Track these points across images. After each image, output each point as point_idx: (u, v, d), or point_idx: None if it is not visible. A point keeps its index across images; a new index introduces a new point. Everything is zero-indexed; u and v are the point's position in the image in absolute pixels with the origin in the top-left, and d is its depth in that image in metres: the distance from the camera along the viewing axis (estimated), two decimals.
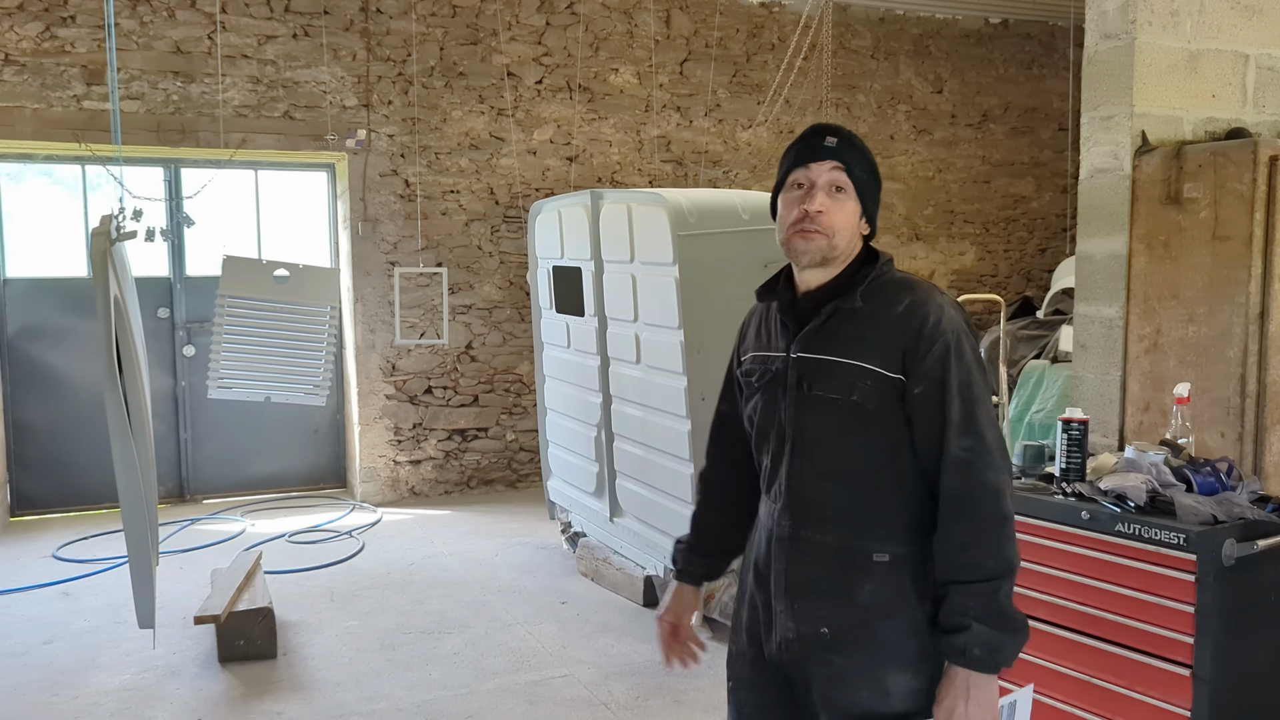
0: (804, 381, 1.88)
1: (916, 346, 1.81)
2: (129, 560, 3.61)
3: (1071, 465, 2.72)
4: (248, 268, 5.93)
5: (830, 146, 1.88)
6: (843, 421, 1.85)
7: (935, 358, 1.80)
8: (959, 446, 1.79)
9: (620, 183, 7.37)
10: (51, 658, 4.28)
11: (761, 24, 7.75)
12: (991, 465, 1.79)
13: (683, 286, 4.28)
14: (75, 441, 6.55)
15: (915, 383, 1.81)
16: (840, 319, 1.87)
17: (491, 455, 7.22)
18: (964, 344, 1.83)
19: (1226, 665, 2.39)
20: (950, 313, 1.85)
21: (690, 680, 3.98)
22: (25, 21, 5.94)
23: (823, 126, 1.92)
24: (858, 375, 1.83)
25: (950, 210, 8.59)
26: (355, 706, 3.82)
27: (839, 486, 1.87)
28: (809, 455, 1.89)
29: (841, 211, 1.87)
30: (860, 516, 1.86)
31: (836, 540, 1.88)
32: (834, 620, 1.87)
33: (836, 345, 1.86)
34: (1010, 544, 1.79)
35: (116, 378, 3.41)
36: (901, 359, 1.82)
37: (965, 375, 1.81)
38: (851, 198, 1.88)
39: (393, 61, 6.73)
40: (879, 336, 1.84)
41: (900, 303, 1.85)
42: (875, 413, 1.83)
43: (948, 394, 1.79)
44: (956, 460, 1.79)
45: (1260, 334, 3.24)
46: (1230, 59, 3.61)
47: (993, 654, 1.76)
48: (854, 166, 1.88)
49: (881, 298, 1.87)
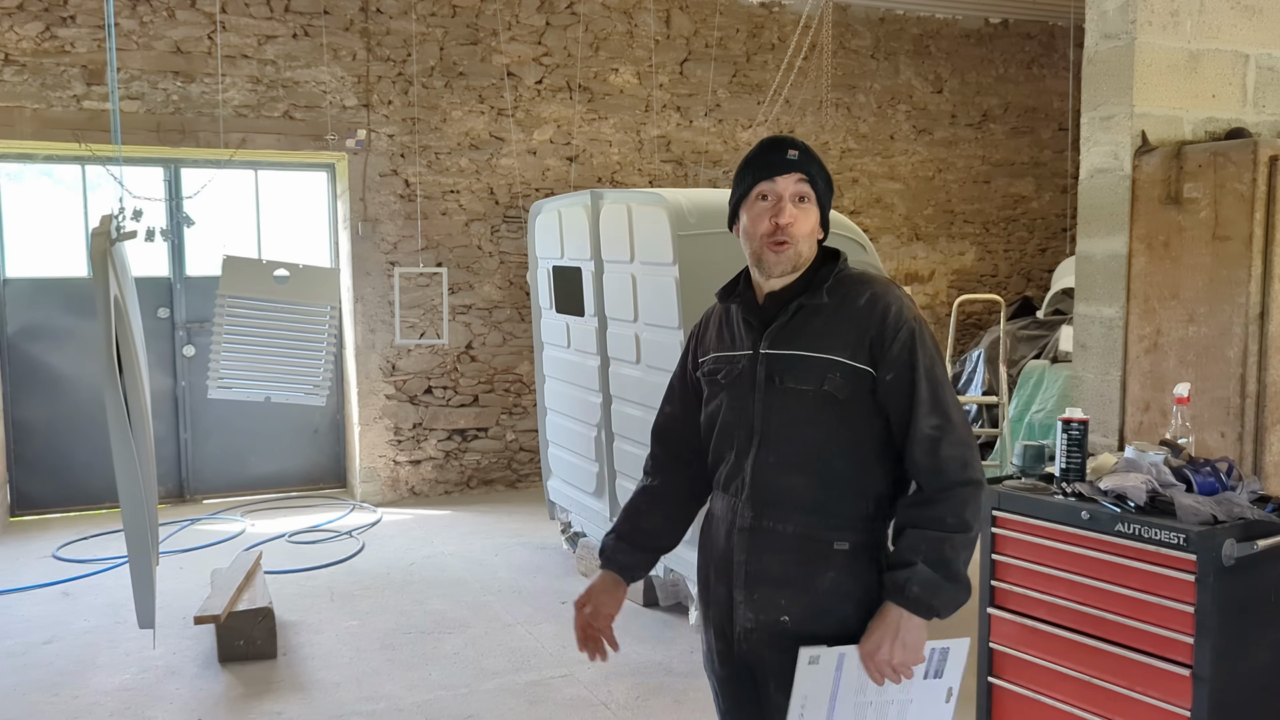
0: (774, 376, 1.96)
1: (882, 336, 1.91)
2: (129, 560, 3.61)
3: (1071, 465, 2.72)
4: (248, 268, 5.92)
5: (793, 160, 1.96)
6: (812, 413, 1.93)
7: (901, 344, 1.90)
8: (928, 425, 1.89)
9: (620, 183, 7.37)
10: (51, 658, 4.28)
11: (761, 24, 7.75)
12: (959, 440, 1.90)
13: (683, 286, 4.28)
14: (75, 441, 6.55)
15: (885, 370, 1.91)
16: (807, 314, 1.96)
17: (491, 455, 7.22)
18: (923, 331, 1.94)
19: (1226, 665, 2.39)
20: (906, 303, 1.97)
21: (690, 680, 3.99)
22: (25, 21, 5.94)
23: (780, 139, 2.00)
24: (827, 367, 1.92)
25: (950, 210, 8.59)
26: (355, 706, 3.82)
27: (804, 477, 1.94)
28: (775, 447, 1.96)
29: (807, 220, 1.97)
30: (823, 505, 1.94)
31: (799, 529, 1.95)
32: (794, 609, 1.94)
33: (805, 339, 1.95)
34: (971, 509, 1.88)
35: (116, 378, 3.41)
36: (869, 348, 1.92)
37: (929, 360, 1.91)
38: (814, 206, 1.99)
39: (393, 61, 6.73)
40: (845, 328, 1.93)
41: (861, 296, 1.96)
42: (845, 403, 1.92)
43: (916, 376, 1.90)
44: (926, 438, 1.89)
45: (1260, 334, 3.23)
46: (1230, 59, 3.61)
47: (929, 596, 1.83)
48: (816, 176, 1.98)
49: (843, 292, 1.97)
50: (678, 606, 4.73)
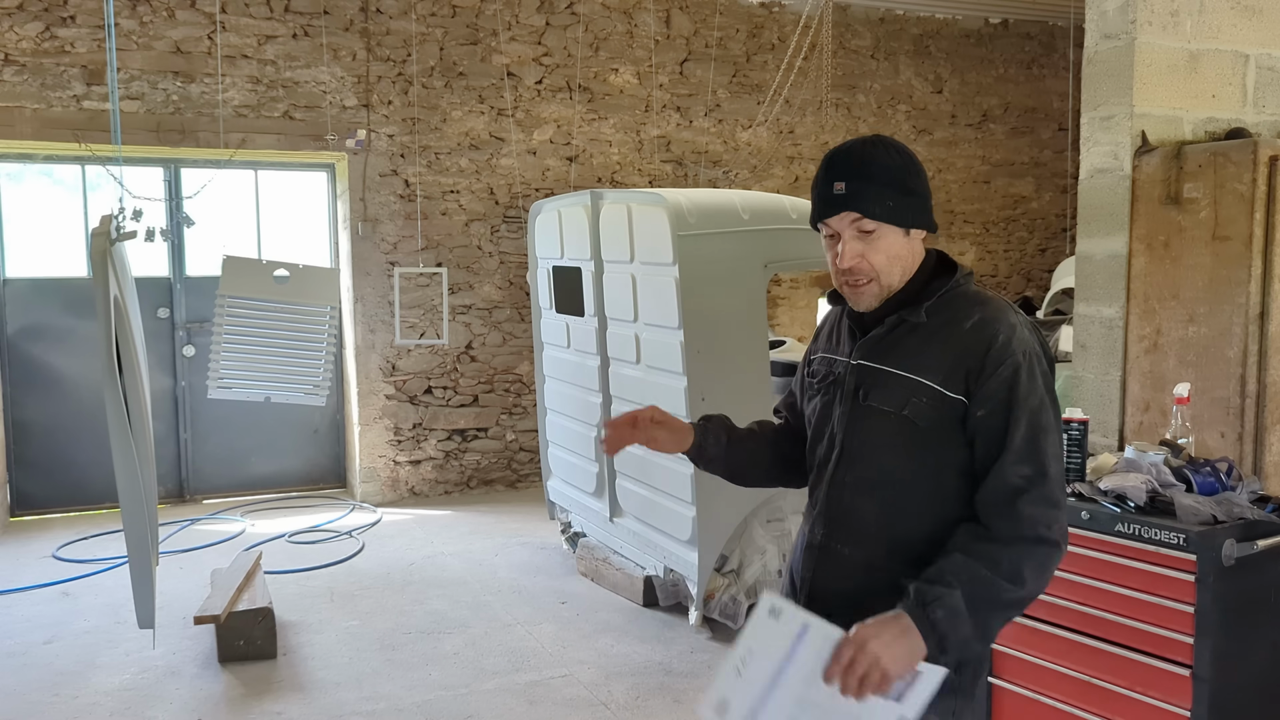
0: (860, 390, 1.83)
1: (982, 366, 1.72)
2: (129, 560, 3.61)
3: (1071, 465, 2.72)
4: (248, 268, 5.92)
5: (840, 195, 1.77)
6: (891, 437, 1.78)
7: (1002, 379, 1.70)
8: (1016, 474, 1.68)
9: (620, 183, 7.37)
10: (51, 658, 4.28)
11: (761, 24, 7.75)
12: (1046, 498, 1.67)
13: (683, 286, 4.28)
14: (75, 441, 6.55)
15: (978, 404, 1.72)
16: (905, 330, 1.81)
17: (491, 455, 7.22)
18: (1035, 367, 1.73)
19: (1226, 665, 2.39)
20: (1023, 333, 1.74)
21: (690, 680, 3.99)
22: (25, 21, 5.94)
23: (834, 165, 1.80)
24: (913, 390, 1.76)
25: (950, 210, 8.59)
26: (355, 706, 3.82)
27: (875, 502, 1.80)
28: (852, 466, 1.84)
29: (878, 251, 1.78)
30: (892, 535, 1.78)
31: (866, 557, 1.82)
32: None
33: (896, 357, 1.80)
34: (1033, 568, 1.66)
35: (116, 378, 3.41)
36: (965, 379, 1.73)
37: (1035, 401, 1.70)
38: (885, 230, 1.78)
39: (393, 61, 6.73)
40: (943, 352, 1.76)
41: (969, 319, 1.77)
42: (926, 431, 1.75)
43: (1013, 417, 1.69)
44: (1009, 487, 1.68)
45: (1260, 334, 3.24)
46: (1230, 59, 3.61)
47: (950, 630, 1.62)
48: (871, 205, 1.76)
49: (950, 312, 1.79)
50: (678, 606, 4.73)
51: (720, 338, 4.36)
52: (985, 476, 1.71)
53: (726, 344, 4.37)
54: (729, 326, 4.40)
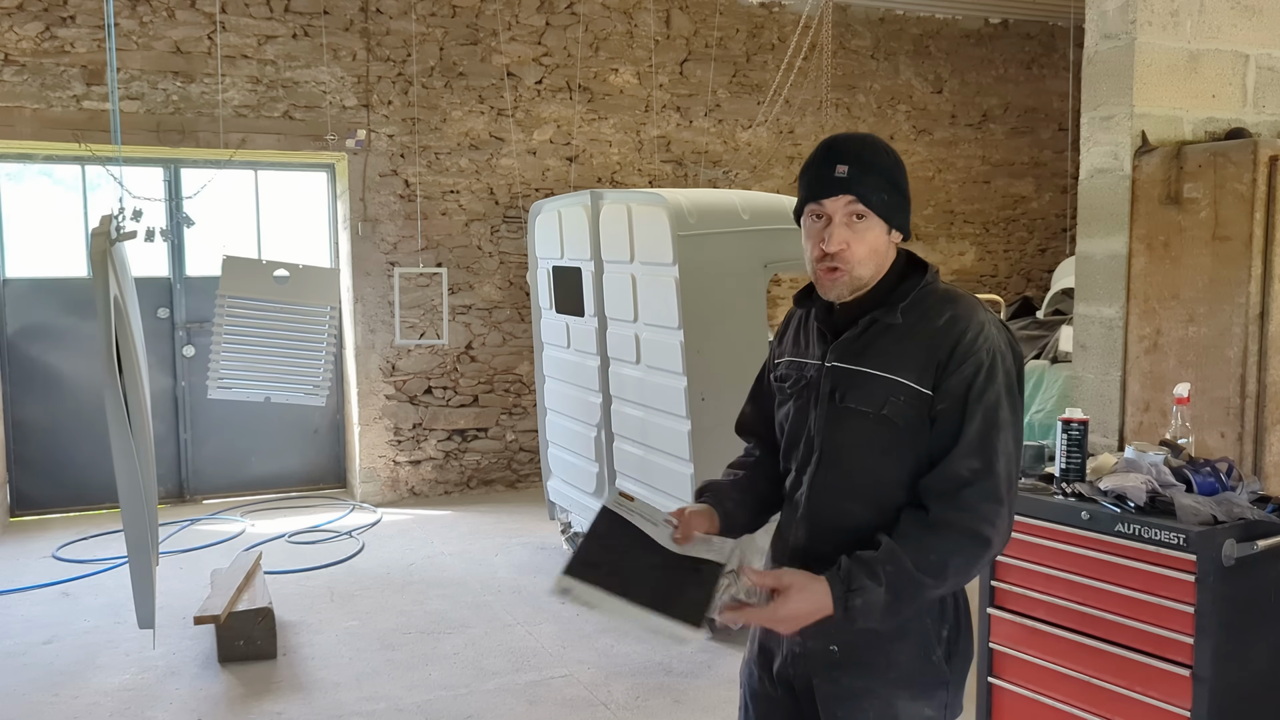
0: (836, 392, 1.82)
1: (948, 361, 1.74)
2: (129, 560, 3.61)
3: (1071, 465, 2.72)
4: (248, 268, 5.93)
5: (841, 178, 1.76)
6: (871, 437, 1.79)
7: (963, 376, 1.73)
8: (965, 467, 1.70)
9: (620, 183, 7.37)
10: (51, 658, 4.28)
11: (761, 24, 7.75)
12: (991, 493, 1.70)
13: (683, 286, 4.28)
14: (75, 441, 6.55)
15: (940, 398, 1.74)
16: (878, 331, 1.81)
17: (491, 455, 7.22)
18: (998, 365, 1.74)
19: (1226, 665, 2.39)
20: (990, 331, 1.76)
21: (690, 680, 3.99)
22: (25, 21, 5.94)
23: (836, 148, 1.82)
24: (891, 389, 1.76)
25: (950, 210, 8.59)
26: (355, 706, 3.82)
27: (858, 504, 1.81)
28: (833, 468, 1.83)
29: (863, 241, 1.78)
30: (877, 535, 1.76)
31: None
32: (842, 638, 1.80)
33: (871, 357, 1.80)
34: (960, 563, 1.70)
35: (116, 378, 3.41)
36: (934, 372, 1.75)
37: (993, 397, 1.72)
38: (873, 222, 1.79)
39: (392, 61, 6.73)
40: (916, 350, 1.77)
41: (941, 316, 1.78)
42: (904, 429, 1.76)
43: (968, 412, 1.71)
44: (957, 478, 1.70)
45: (1260, 334, 3.23)
46: (1230, 59, 3.61)
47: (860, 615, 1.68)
48: (870, 192, 1.77)
49: (922, 311, 1.80)
50: None
51: (720, 338, 4.36)
52: (934, 465, 1.74)
53: (726, 344, 4.37)
54: (729, 326, 4.40)
